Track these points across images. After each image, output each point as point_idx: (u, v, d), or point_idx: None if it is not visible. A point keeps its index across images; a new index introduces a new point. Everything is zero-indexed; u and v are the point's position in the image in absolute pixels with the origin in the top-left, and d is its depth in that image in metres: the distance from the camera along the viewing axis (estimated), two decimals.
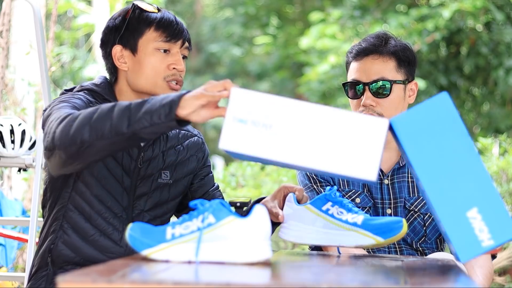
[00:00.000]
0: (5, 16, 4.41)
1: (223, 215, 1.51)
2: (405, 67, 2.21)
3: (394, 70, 2.19)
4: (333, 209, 1.79)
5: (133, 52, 1.89)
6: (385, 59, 2.19)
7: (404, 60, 2.20)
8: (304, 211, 1.81)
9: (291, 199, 1.85)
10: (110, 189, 1.88)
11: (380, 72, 2.18)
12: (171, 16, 1.92)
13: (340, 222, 1.78)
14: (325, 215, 1.79)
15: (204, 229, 1.51)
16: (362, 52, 2.20)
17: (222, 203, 1.53)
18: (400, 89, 2.20)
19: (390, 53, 2.19)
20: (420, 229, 2.22)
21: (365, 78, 2.18)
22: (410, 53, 2.22)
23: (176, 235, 1.52)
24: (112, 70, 1.94)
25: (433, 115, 1.47)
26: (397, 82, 2.18)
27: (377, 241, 1.73)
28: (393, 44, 2.21)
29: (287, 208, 1.85)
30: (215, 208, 1.52)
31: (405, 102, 2.22)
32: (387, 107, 2.17)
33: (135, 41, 1.88)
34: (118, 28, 1.90)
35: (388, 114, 2.17)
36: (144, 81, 1.89)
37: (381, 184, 2.24)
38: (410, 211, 2.22)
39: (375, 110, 2.18)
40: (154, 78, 1.88)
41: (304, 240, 1.81)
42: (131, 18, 1.89)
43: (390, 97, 2.17)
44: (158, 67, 1.88)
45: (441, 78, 7.56)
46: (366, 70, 2.18)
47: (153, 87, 1.89)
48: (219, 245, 1.50)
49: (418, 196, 2.23)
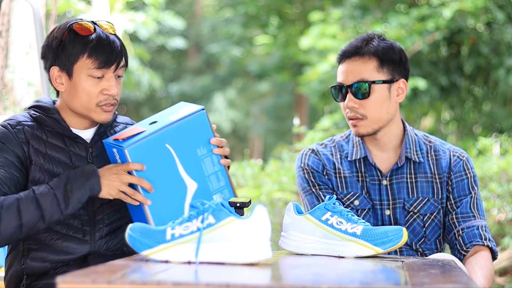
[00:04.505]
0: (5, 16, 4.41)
1: (223, 216, 1.51)
2: (389, 66, 2.19)
3: (375, 70, 2.17)
4: (333, 219, 1.80)
5: (69, 76, 1.94)
6: (365, 60, 2.18)
7: (387, 60, 2.18)
8: (303, 221, 1.82)
9: (290, 208, 1.85)
10: None
11: (360, 73, 2.17)
12: (104, 38, 1.93)
13: (340, 232, 1.79)
14: (325, 225, 1.80)
15: (204, 229, 1.51)
16: (344, 55, 2.21)
17: (222, 203, 1.54)
18: (383, 88, 2.18)
19: (370, 53, 2.17)
20: (420, 230, 2.22)
21: (347, 81, 2.19)
22: (394, 52, 2.19)
23: (176, 235, 1.52)
24: (53, 87, 2.01)
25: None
26: (376, 82, 2.17)
27: (376, 251, 1.76)
28: (374, 44, 2.19)
29: (286, 218, 1.86)
30: (215, 209, 1.52)
31: (392, 102, 2.20)
32: (370, 108, 2.17)
33: (70, 66, 1.93)
34: (55, 49, 1.94)
35: (372, 115, 2.18)
36: (79, 104, 1.96)
37: (379, 185, 2.24)
38: (409, 212, 2.22)
39: (358, 112, 2.18)
40: (88, 103, 1.95)
41: (304, 250, 1.82)
42: (66, 42, 1.93)
43: (371, 98, 2.16)
44: (92, 93, 1.94)
45: (441, 78, 7.56)
46: (348, 72, 2.19)
47: (87, 111, 1.96)
48: (219, 245, 1.50)
49: (417, 197, 2.23)
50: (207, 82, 13.96)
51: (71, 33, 1.92)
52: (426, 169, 2.25)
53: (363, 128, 2.20)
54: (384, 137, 2.24)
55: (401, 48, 2.24)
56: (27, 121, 1.96)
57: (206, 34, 13.99)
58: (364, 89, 2.16)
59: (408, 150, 2.24)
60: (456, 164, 2.26)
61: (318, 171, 2.26)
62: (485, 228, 2.22)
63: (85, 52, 1.91)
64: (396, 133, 2.25)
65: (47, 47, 1.97)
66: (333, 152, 2.29)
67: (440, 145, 2.30)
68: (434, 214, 2.23)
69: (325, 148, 2.31)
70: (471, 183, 2.26)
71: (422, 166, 2.25)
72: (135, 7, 11.19)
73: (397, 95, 2.21)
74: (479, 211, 2.24)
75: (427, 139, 2.31)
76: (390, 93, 2.19)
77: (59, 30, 1.95)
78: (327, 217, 1.80)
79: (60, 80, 1.96)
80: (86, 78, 1.92)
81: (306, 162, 2.29)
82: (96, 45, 1.92)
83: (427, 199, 2.23)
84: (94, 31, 1.93)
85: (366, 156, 2.24)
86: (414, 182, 2.24)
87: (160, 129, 1.89)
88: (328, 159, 2.28)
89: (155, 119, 1.96)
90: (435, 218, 2.24)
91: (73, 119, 1.99)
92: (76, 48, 1.91)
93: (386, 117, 2.20)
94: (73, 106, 1.97)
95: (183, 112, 1.95)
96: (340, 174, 2.25)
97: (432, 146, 2.29)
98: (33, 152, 1.92)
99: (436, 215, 2.24)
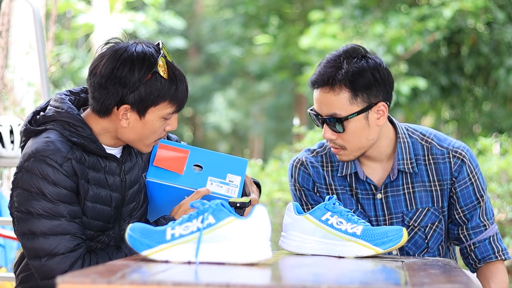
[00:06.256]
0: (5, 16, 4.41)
1: (223, 216, 1.51)
2: (363, 93, 2.02)
3: (347, 103, 2.02)
4: (333, 219, 1.80)
5: (140, 116, 1.84)
6: (336, 92, 2.02)
7: (360, 87, 2.02)
8: (303, 221, 1.82)
9: (291, 208, 1.85)
10: (100, 214, 1.90)
11: (332, 107, 2.03)
12: (184, 86, 1.87)
13: (340, 232, 1.78)
14: (325, 225, 1.80)
15: (204, 229, 1.51)
16: (315, 84, 2.07)
17: (222, 203, 1.53)
18: (359, 120, 2.04)
19: (341, 84, 2.02)
20: (422, 242, 2.16)
21: (321, 111, 2.07)
22: (367, 75, 2.02)
23: (175, 235, 1.52)
24: (105, 113, 1.86)
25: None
26: (349, 117, 2.02)
27: (376, 251, 1.75)
28: (343, 72, 2.01)
29: (286, 218, 1.86)
30: (215, 209, 1.52)
31: (372, 128, 2.06)
32: (349, 140, 2.06)
33: (146, 108, 1.83)
34: (131, 87, 1.81)
35: (351, 146, 2.07)
36: (135, 138, 1.88)
37: (374, 199, 2.15)
38: (409, 226, 2.15)
39: (337, 143, 2.08)
40: (146, 140, 1.88)
41: (304, 250, 1.81)
42: (149, 84, 1.81)
43: (347, 131, 2.04)
44: (158, 132, 1.88)
45: (441, 77, 7.56)
46: (320, 103, 2.06)
47: (137, 144, 1.89)
48: (219, 245, 1.50)
49: (416, 209, 2.14)
50: (207, 82, 13.96)
51: (155, 76, 1.81)
52: (424, 177, 2.14)
53: (345, 156, 2.10)
54: (374, 152, 2.13)
55: (377, 64, 2.05)
56: (69, 150, 1.82)
57: (206, 34, 13.98)
58: (338, 125, 2.04)
59: (401, 162, 2.12)
60: (458, 168, 2.14)
61: (309, 189, 2.19)
62: (496, 236, 2.18)
63: (167, 98, 1.83)
64: (386, 144, 2.13)
65: (114, 78, 1.80)
66: (324, 162, 2.20)
67: (438, 144, 2.16)
68: (435, 223, 2.15)
69: (315, 158, 2.21)
70: (478, 187, 2.16)
71: (419, 175, 2.14)
72: (135, 7, 11.18)
73: (377, 118, 2.06)
74: (489, 218, 2.17)
75: (423, 138, 2.16)
76: (368, 121, 2.05)
77: (137, 67, 1.80)
78: (327, 217, 1.80)
79: (126, 117, 1.84)
80: (159, 120, 1.85)
81: (296, 177, 2.21)
82: (178, 91, 1.84)
83: (427, 209, 2.15)
84: (171, 72, 1.84)
85: (357, 172, 2.15)
86: (411, 193, 2.14)
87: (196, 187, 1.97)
88: (318, 173, 2.19)
89: (200, 161, 2.01)
90: (437, 228, 2.16)
91: (105, 138, 1.89)
92: (159, 96, 1.82)
93: (368, 144, 2.08)
94: (126, 137, 1.88)
95: (230, 185, 2.01)
96: (332, 191, 2.17)
97: (429, 147, 2.15)
98: (81, 184, 1.84)
99: (438, 224, 2.16)
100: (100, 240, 1.91)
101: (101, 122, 1.88)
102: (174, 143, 2.06)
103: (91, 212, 1.86)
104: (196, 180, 1.98)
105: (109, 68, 1.81)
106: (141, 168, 1.99)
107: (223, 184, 1.99)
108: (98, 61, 1.84)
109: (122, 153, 1.95)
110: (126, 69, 1.80)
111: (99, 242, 1.91)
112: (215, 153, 2.06)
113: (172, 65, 1.86)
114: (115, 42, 1.87)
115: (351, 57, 2.04)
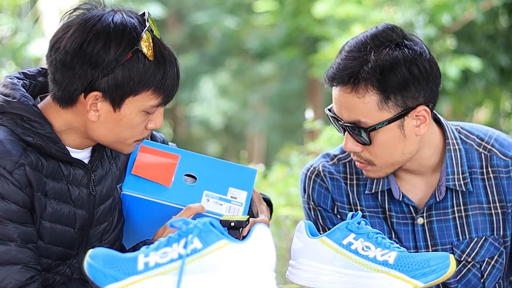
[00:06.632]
0: None
1: (213, 239, 1.51)
2: (396, 95, 2.00)
3: (375, 108, 2.00)
4: (357, 243, 1.80)
5: (114, 108, 1.84)
6: (360, 93, 1.99)
7: (393, 87, 1.99)
8: (319, 245, 1.82)
9: (302, 229, 1.85)
10: (60, 238, 1.90)
11: (355, 112, 2.01)
12: (174, 71, 1.87)
13: (367, 260, 1.78)
14: (347, 251, 1.80)
15: (187, 257, 1.51)
16: (333, 80, 2.04)
17: (211, 222, 1.53)
18: (391, 129, 2.02)
19: (367, 83, 1.99)
20: (477, 282, 2.16)
21: (341, 115, 2.05)
22: (401, 71, 1.99)
23: (150, 264, 1.52)
24: (69, 101, 1.85)
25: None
26: (378, 127, 2.01)
27: (415, 286, 1.76)
28: (370, 66, 1.98)
29: (297, 241, 1.86)
30: (201, 229, 1.52)
31: (408, 140, 2.04)
32: (377, 154, 2.05)
33: (122, 98, 1.84)
34: (104, 68, 1.80)
35: (381, 162, 2.06)
36: (110, 137, 1.89)
37: (413, 226, 2.16)
38: (461, 261, 2.14)
39: (362, 157, 2.07)
40: (125, 139, 1.89)
41: (319, 284, 1.82)
42: (128, 66, 1.81)
43: (376, 144, 2.03)
44: (137, 130, 1.89)
45: (500, 56, 7.57)
46: (340, 106, 2.04)
47: (115, 144, 1.90)
48: (208, 278, 1.50)
49: (471, 238, 2.14)
50: (191, 62, 13.97)
51: (137, 55, 1.81)
52: (481, 196, 2.14)
53: (374, 173, 2.10)
54: (413, 165, 2.12)
55: (417, 55, 2.01)
56: (22, 153, 1.81)
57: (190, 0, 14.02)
58: (364, 135, 2.02)
59: (450, 177, 2.11)
60: None
61: (327, 209, 2.19)
62: None
63: (151, 86, 1.83)
64: (429, 154, 2.12)
65: (83, 55, 1.79)
66: (347, 174, 2.20)
67: (500, 152, 2.15)
68: (495, 257, 2.15)
69: (336, 167, 2.20)
70: None
71: (475, 194, 2.13)
72: None
73: (417, 126, 2.04)
74: None
75: (481, 144, 2.16)
76: (404, 130, 2.03)
77: (116, 44, 1.80)
78: (349, 240, 1.80)
79: (95, 108, 1.84)
80: (138, 114, 1.86)
81: (310, 192, 2.21)
82: (166, 77, 1.85)
83: (484, 238, 2.14)
84: (159, 52, 1.84)
85: (390, 188, 2.14)
86: (464, 218, 2.14)
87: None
88: (340, 188, 2.19)
89: (194, 170, 2.02)
90: (496, 263, 2.16)
91: (69, 136, 1.90)
92: (141, 83, 1.82)
93: (403, 159, 2.07)
94: (97, 135, 1.88)
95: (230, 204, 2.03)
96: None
97: (489, 156, 2.14)
98: (37, 198, 1.84)
99: (498, 258, 2.16)
100: (60, 271, 1.91)
101: (64, 114, 1.87)
102: (160, 145, 2.06)
103: (49, 235, 1.87)
104: (187, 194, 1.98)
105: (76, 42, 1.80)
106: (115, 178, 2.00)
107: (223, 201, 2.00)
108: (62, 32, 1.84)
109: (91, 157, 1.95)
110: (99, 45, 1.80)
111: (59, 274, 1.91)
112: (213, 159, 2.06)
113: (161, 43, 1.87)
114: (86, 9, 1.86)
115: (382, 44, 2.02)
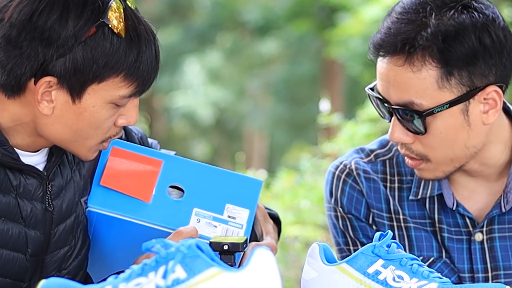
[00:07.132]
0: None
1: (200, 267, 1.52)
2: (461, 70, 2.02)
3: (434, 85, 2.03)
4: (387, 272, 1.81)
5: (73, 98, 1.85)
6: (416, 66, 2.02)
7: (457, 60, 2.01)
8: (337, 275, 1.83)
9: (315, 254, 1.86)
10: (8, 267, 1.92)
11: (408, 90, 2.04)
12: (152, 51, 1.88)
13: None
14: (373, 282, 1.81)
15: None
16: (380, 49, 2.07)
17: (197, 244, 1.54)
18: (453, 114, 2.05)
19: (425, 53, 2.01)
20: None
21: (388, 95, 2.08)
22: (469, 40, 2.00)
23: None
24: (15, 89, 1.87)
25: None
26: (436, 110, 2.04)
27: None
28: (430, 32, 2.00)
29: (309, 269, 1.87)
30: (186, 254, 1.52)
31: (474, 129, 2.07)
32: (434, 147, 2.06)
33: (83, 85, 1.85)
34: (60, 46, 1.81)
35: (439, 157, 2.08)
36: (64, 135, 1.90)
37: (469, 242, 2.18)
38: None
39: (414, 150, 2.08)
40: (87, 140, 1.90)
41: None
42: (91, 44, 1.83)
43: (432, 133, 2.06)
44: (103, 127, 1.90)
45: None
46: (389, 81, 2.06)
47: (69, 144, 1.91)
48: None
49: None
50: (173, 39, 14.02)
51: (102, 31, 1.82)
52: None
53: (429, 173, 2.12)
54: (475, 165, 2.15)
55: (489, 20, 2.03)
56: None
57: None
58: (417, 121, 2.04)
59: None
60: None
61: (360, 218, 2.22)
62: None
63: (122, 69, 1.84)
64: (497, 152, 2.15)
65: (32, 33, 1.81)
66: (387, 173, 2.22)
67: None
68: None
69: (373, 165, 2.23)
70: None
71: None
72: None
73: (485, 112, 2.07)
74: None
75: None
76: (469, 116, 2.06)
77: (78, 17, 1.81)
78: (376, 268, 1.81)
79: (49, 97, 1.85)
80: (105, 106, 1.87)
81: (339, 196, 2.23)
82: (141, 59, 1.85)
83: None
84: (132, 27, 1.84)
85: (442, 194, 2.17)
86: None
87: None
88: (377, 192, 2.21)
89: (181, 181, 2.02)
90: None
91: (18, 135, 1.92)
92: (108, 59, 1.83)
93: (466, 153, 2.10)
94: (49, 133, 1.90)
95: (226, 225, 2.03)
96: (399, 223, 2.20)
97: None
98: None
99: None
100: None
101: (11, 106, 1.89)
102: (138, 147, 2.05)
103: None
104: (172, 213, 1.98)
105: (25, 12, 1.81)
106: (79, 189, 2.01)
107: (218, 222, 2.00)
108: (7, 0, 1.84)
109: (47, 162, 1.96)
110: (53, 16, 1.81)
111: None
112: (206, 166, 2.06)
113: (135, 15, 1.87)
114: None
115: (445, 5, 2.04)
